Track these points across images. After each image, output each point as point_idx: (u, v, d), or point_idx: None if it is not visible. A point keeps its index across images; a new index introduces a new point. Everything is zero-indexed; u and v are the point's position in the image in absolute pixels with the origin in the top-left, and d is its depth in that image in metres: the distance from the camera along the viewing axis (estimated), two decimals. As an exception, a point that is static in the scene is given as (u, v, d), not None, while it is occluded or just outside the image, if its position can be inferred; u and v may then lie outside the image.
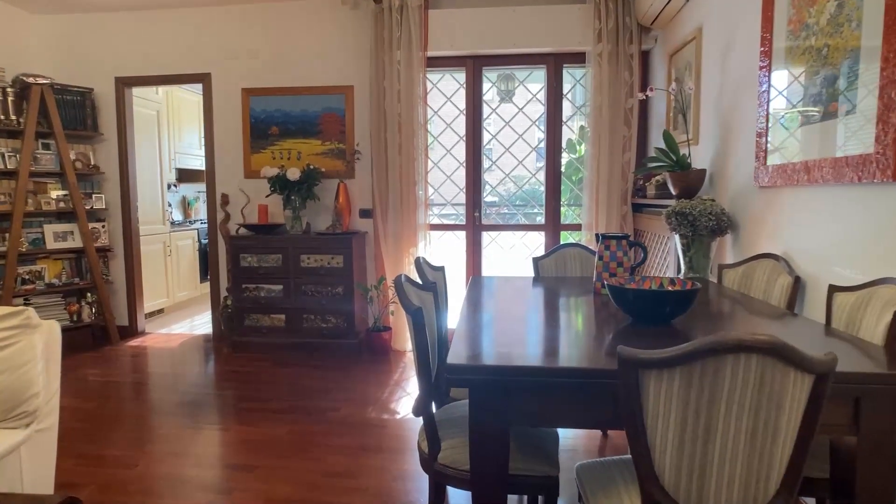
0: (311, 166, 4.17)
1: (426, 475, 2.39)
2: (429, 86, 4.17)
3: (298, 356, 4.08)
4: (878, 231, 1.66)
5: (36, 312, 1.90)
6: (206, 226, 6.16)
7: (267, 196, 4.34)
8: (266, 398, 3.31)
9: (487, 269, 4.42)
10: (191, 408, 3.19)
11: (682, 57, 3.26)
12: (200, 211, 6.40)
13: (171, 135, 5.65)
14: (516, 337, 1.60)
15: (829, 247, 1.90)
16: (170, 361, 4.06)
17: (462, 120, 4.33)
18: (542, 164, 4.28)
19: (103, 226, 4.61)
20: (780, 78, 2.16)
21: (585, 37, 3.90)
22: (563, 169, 4.26)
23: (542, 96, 4.28)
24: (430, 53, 4.09)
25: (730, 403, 1.02)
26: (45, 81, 4.22)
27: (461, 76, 4.31)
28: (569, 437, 2.76)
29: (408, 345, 4.18)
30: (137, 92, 4.89)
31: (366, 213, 4.36)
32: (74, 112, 4.48)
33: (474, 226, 4.31)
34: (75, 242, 4.42)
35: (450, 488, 2.14)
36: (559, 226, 4.24)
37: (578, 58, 4.04)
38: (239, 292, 4.21)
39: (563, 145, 4.27)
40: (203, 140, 6.21)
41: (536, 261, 2.78)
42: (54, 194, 4.35)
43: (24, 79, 4.15)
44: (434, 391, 1.79)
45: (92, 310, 4.51)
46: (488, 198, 4.55)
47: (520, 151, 4.44)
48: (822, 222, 1.93)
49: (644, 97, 2.93)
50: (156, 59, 4.57)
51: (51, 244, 4.31)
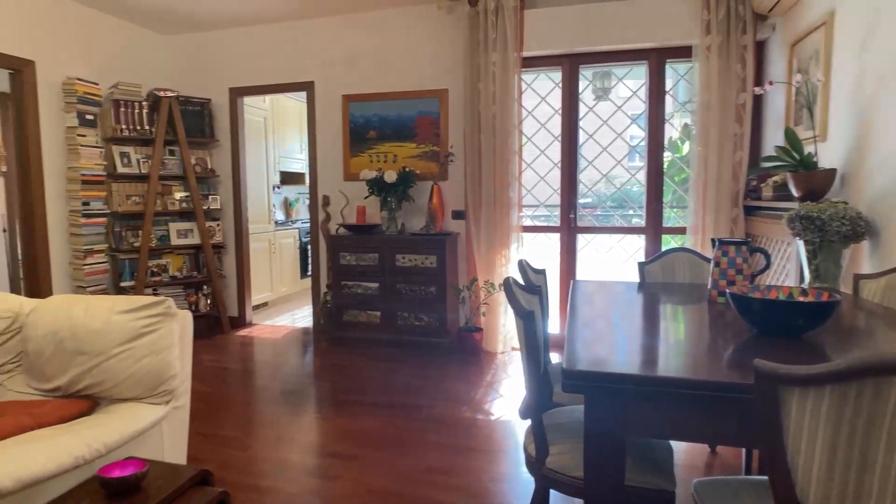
0: (407, 169, 4.28)
1: (523, 479, 2.40)
2: (523, 86, 4.15)
3: (392, 352, 4.20)
4: None
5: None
6: (305, 225, 6.53)
7: (365, 198, 4.51)
8: (363, 391, 3.44)
9: (582, 273, 4.33)
10: (293, 396, 3.38)
11: (807, 46, 3.01)
12: (301, 211, 6.76)
13: (275, 140, 6.02)
14: (632, 344, 1.55)
15: None
16: (274, 351, 4.33)
17: (556, 120, 4.27)
18: (641, 163, 4.13)
19: (218, 224, 5.00)
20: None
21: (692, 29, 3.71)
22: (664, 169, 4.09)
23: (641, 93, 4.13)
24: (526, 54, 4.07)
25: (893, 431, 0.93)
26: (172, 94, 4.64)
27: (556, 75, 4.25)
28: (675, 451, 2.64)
29: (499, 346, 4.18)
30: (248, 101, 5.25)
31: (458, 215, 4.41)
32: (195, 121, 4.89)
33: (569, 228, 4.24)
34: (194, 239, 4.82)
35: (553, 493, 2.12)
36: (661, 229, 4.07)
37: (683, 52, 3.85)
38: (338, 289, 4.40)
39: (665, 144, 4.09)
40: (304, 145, 6.58)
41: (642, 265, 2.68)
42: (178, 196, 4.77)
43: (156, 93, 4.58)
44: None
45: (207, 301, 4.91)
46: (583, 199, 4.45)
47: (617, 151, 4.31)
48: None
49: (762, 91, 2.73)
50: (264, 70, 4.89)
51: (174, 241, 4.74)
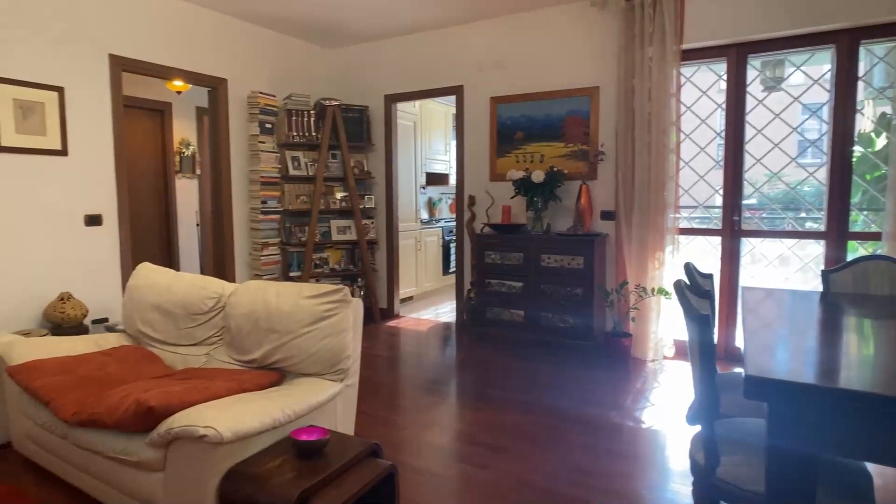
0: (555, 168, 4.25)
1: (679, 490, 2.27)
2: (682, 80, 3.92)
3: (535, 352, 4.20)
4: None
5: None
6: (448, 224, 6.76)
7: (511, 198, 4.57)
8: (507, 387, 3.48)
9: (745, 280, 3.98)
10: (439, 385, 3.53)
11: None
12: (443, 210, 7.02)
13: (423, 143, 6.32)
14: (823, 356, 1.41)
15: None
16: (419, 342, 4.55)
17: (718, 115, 3.97)
18: (818, 160, 3.69)
19: (372, 222, 5.38)
20: None
21: None
22: (853, 166, 3.61)
23: (825, 81, 3.69)
24: (686, 46, 3.84)
25: None
26: (335, 103, 5.08)
27: (719, 67, 3.96)
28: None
29: (649, 354, 4.00)
30: (400, 106, 5.58)
31: (607, 215, 4.29)
32: (354, 127, 5.30)
33: (732, 231, 3.92)
34: (351, 236, 5.24)
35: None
36: (846, 234, 3.59)
37: (883, 31, 3.38)
38: (482, 287, 4.51)
39: (855, 137, 3.61)
40: (448, 147, 6.82)
41: (827, 274, 2.41)
42: (338, 195, 5.21)
43: (322, 102, 5.05)
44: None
45: (361, 293, 5.30)
46: (747, 200, 4.08)
47: (788, 147, 3.89)
48: None
49: None
50: (416, 77, 5.16)
51: (335, 236, 5.18)
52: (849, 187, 3.57)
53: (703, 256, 4.15)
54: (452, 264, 6.82)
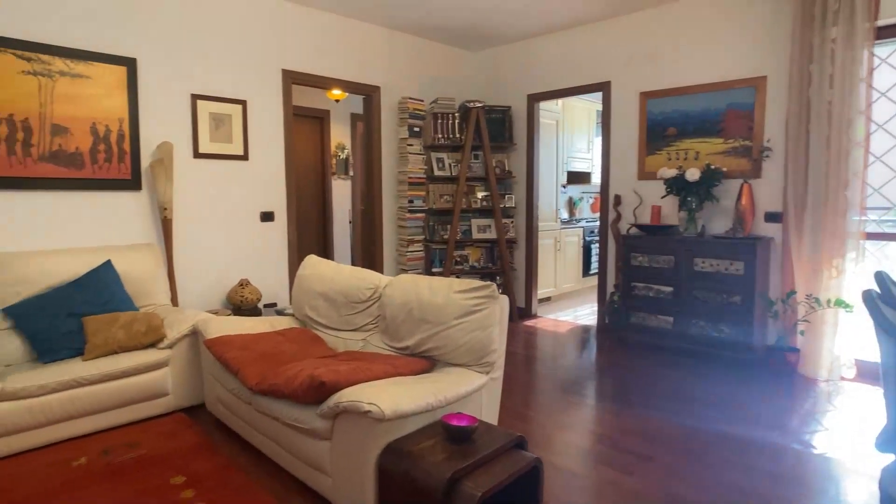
0: (712, 166, 3.96)
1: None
2: (875, 62, 3.43)
3: (684, 361, 3.95)
4: None
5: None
6: (589, 224, 6.59)
7: (662, 197, 4.34)
8: (652, 395, 3.32)
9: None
10: (578, 386, 3.46)
11: None
12: (583, 210, 6.86)
13: (564, 141, 6.23)
14: None
15: None
16: (557, 343, 4.50)
17: (922, 101, 3.41)
18: None
19: (512, 221, 5.43)
20: None
21: None
22: None
23: None
24: (882, 22, 3.35)
25: None
26: (479, 105, 5.20)
27: (925, 45, 3.40)
28: None
29: (821, 373, 3.55)
30: (543, 105, 5.56)
31: (773, 217, 3.89)
32: (496, 127, 5.39)
33: (935, 236, 3.35)
34: (491, 234, 5.33)
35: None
36: None
37: None
38: (627, 290, 4.34)
39: None
40: (591, 145, 6.64)
41: None
42: (479, 195, 5.34)
43: (467, 104, 5.20)
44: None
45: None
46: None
47: None
48: None
49: None
50: (560, 75, 5.10)
51: (475, 235, 5.32)
52: None
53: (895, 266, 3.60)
54: (593, 266, 6.64)
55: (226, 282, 4.12)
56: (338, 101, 6.47)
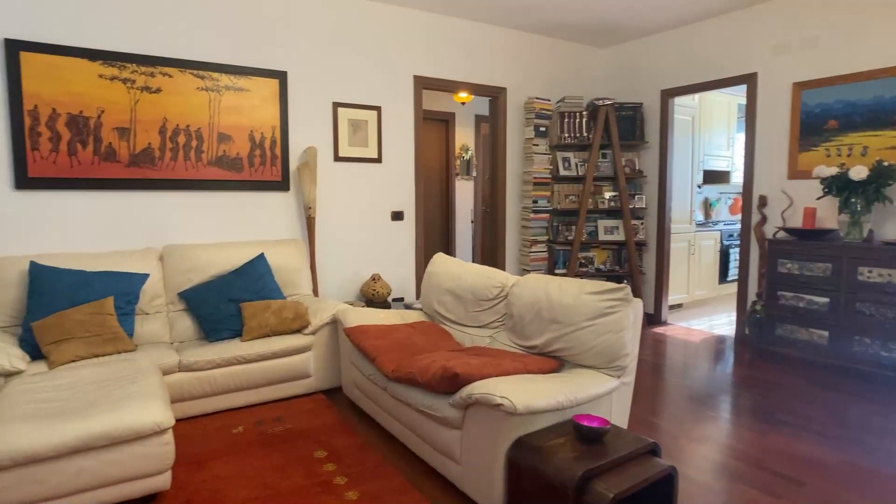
0: (884, 163, 3.49)
1: None
2: None
3: (843, 382, 3.53)
4: None
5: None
6: (727, 227, 6.11)
7: (817, 199, 3.91)
8: (802, 415, 3.00)
9: None
10: (713, 400, 3.23)
11: None
12: (721, 212, 6.37)
13: (701, 138, 5.83)
14: None
15: None
16: (689, 353, 4.22)
17: None
18: None
19: (641, 223, 5.20)
20: None
21: None
22: None
23: None
24: None
25: None
26: (609, 102, 5.04)
27: None
28: None
29: None
30: (678, 101, 5.25)
31: (962, 220, 3.35)
32: (626, 125, 5.19)
33: None
34: (619, 236, 5.15)
35: None
36: None
37: None
38: (772, 299, 3.96)
39: None
40: (731, 141, 6.16)
41: None
42: (607, 195, 5.18)
43: (595, 102, 5.07)
44: None
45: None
46: None
47: None
48: None
49: None
50: (697, 68, 4.79)
51: (601, 236, 5.17)
52: None
53: None
54: (731, 272, 6.14)
55: (359, 276, 4.40)
56: (464, 103, 6.63)
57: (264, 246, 3.72)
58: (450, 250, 6.96)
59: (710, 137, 5.99)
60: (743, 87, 4.52)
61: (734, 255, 6.13)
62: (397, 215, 4.55)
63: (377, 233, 4.47)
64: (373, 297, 4.21)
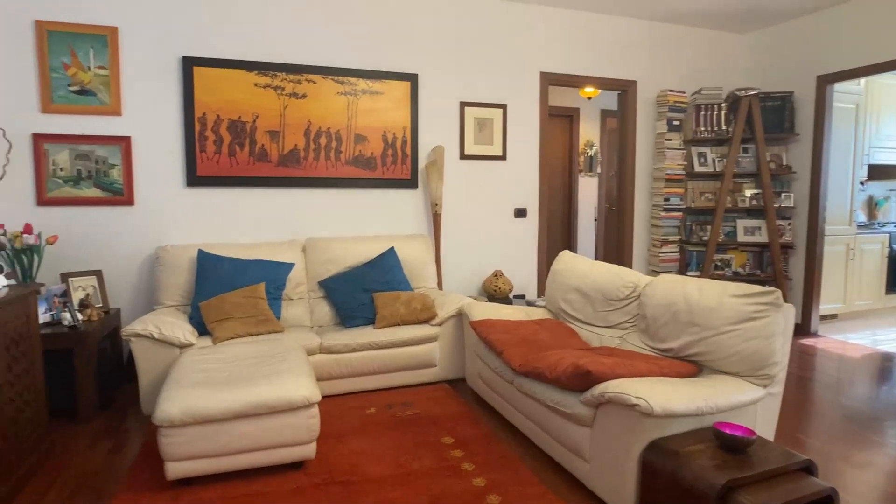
0: None
1: None
2: None
3: None
4: None
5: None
6: (896, 230, 5.36)
7: None
8: None
9: None
10: (881, 423, 2.84)
11: None
12: (890, 212, 5.59)
13: (866, 128, 5.16)
14: None
15: None
16: (847, 369, 3.76)
17: None
18: None
19: (788, 223, 4.73)
20: None
21: None
22: None
23: None
24: None
25: None
26: (752, 92, 4.64)
27: None
28: None
29: None
30: (838, 87, 4.70)
31: None
32: (773, 116, 4.74)
33: None
34: (761, 237, 4.73)
35: None
36: None
37: None
38: (956, 312, 3.42)
39: None
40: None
41: None
42: (748, 193, 4.77)
43: (736, 93, 4.69)
44: None
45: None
46: None
47: None
48: None
49: None
50: (864, 49, 4.24)
51: (740, 237, 4.78)
52: None
53: None
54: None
55: (480, 272, 4.48)
56: (589, 98, 6.46)
57: (394, 240, 3.91)
58: (571, 248, 6.83)
59: (879, 127, 5.28)
60: (923, 68, 3.93)
61: (906, 261, 5.35)
62: (520, 212, 4.56)
63: (500, 229, 4.51)
64: (494, 292, 4.25)
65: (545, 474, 2.32)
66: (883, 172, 5.41)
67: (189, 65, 3.60)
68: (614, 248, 5.16)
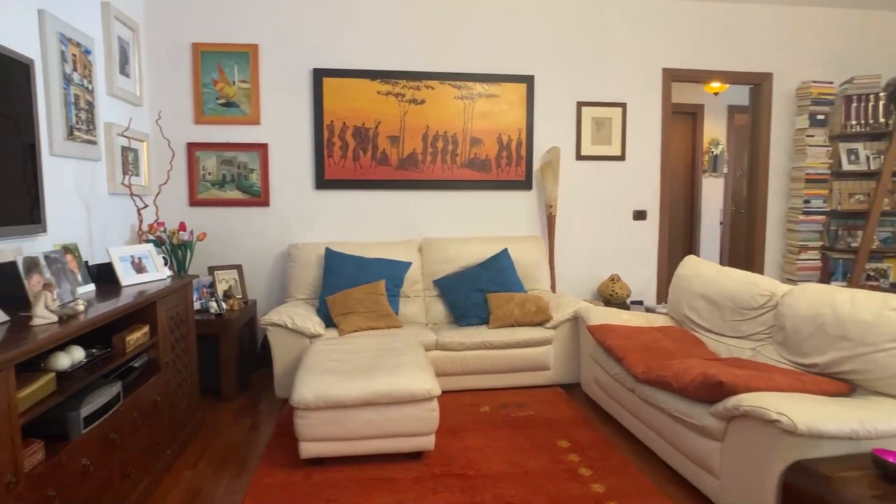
0: None
1: None
2: None
3: None
4: None
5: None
6: None
7: None
8: None
9: None
10: None
11: None
12: None
13: None
14: None
15: None
16: None
17: None
18: None
19: (962, 229, 4.10)
20: None
21: None
22: None
23: None
24: None
25: None
26: (917, 77, 4.08)
27: None
28: None
29: None
30: None
31: None
32: (944, 105, 4.13)
33: None
34: (926, 245, 4.14)
35: None
36: None
37: None
38: None
39: None
40: None
41: None
42: (910, 194, 4.20)
43: (897, 79, 4.15)
44: None
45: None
46: None
47: None
48: None
49: None
50: None
51: (899, 244, 4.22)
52: None
53: None
54: None
55: (596, 275, 4.36)
56: (715, 94, 6.05)
57: (507, 241, 3.93)
58: (694, 253, 6.42)
59: None
60: None
61: None
62: (639, 214, 4.38)
63: (617, 232, 4.36)
64: (611, 297, 4.12)
65: (666, 486, 2.21)
66: None
67: (319, 76, 3.87)
68: (742, 254, 4.79)
